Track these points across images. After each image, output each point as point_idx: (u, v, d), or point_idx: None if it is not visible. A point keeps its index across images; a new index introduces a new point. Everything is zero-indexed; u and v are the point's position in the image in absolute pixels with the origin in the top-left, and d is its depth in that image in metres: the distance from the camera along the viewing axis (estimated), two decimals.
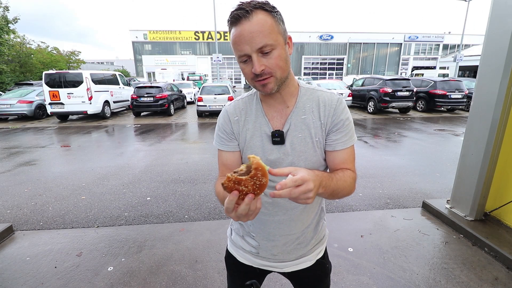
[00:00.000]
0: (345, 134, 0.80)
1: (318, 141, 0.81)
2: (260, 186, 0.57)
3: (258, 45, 0.68)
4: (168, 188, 3.84)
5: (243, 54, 0.70)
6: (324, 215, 0.98)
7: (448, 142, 6.36)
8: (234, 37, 0.70)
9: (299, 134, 0.81)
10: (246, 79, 0.76)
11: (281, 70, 0.73)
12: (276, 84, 0.74)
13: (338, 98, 0.82)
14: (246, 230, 0.93)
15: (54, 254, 2.39)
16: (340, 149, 0.80)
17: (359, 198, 3.45)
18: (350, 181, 0.77)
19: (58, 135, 7.78)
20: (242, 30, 0.68)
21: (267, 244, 0.90)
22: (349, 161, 0.82)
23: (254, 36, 0.67)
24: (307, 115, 0.81)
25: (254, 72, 0.71)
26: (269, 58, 0.70)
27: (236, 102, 0.89)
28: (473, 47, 33.91)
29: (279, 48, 0.71)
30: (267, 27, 0.68)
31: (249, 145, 0.83)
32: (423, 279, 2.02)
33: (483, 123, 2.46)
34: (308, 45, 40.37)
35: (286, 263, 0.92)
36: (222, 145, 0.87)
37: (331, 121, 0.80)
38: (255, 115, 0.85)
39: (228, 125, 0.86)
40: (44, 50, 22.74)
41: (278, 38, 0.71)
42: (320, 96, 0.82)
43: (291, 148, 0.80)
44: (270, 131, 0.81)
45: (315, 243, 0.94)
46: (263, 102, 0.85)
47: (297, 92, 0.83)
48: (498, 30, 2.31)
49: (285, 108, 0.83)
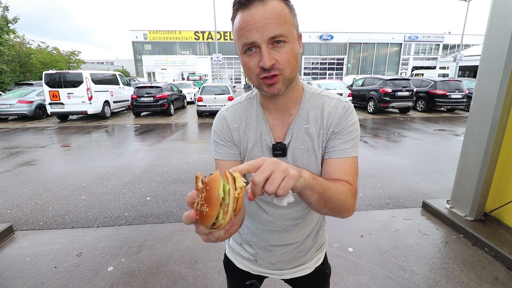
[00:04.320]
0: (346, 141, 0.70)
1: (321, 153, 0.74)
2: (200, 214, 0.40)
3: (271, 33, 0.59)
4: (168, 188, 3.84)
5: (250, 42, 0.60)
6: (325, 222, 0.94)
7: (448, 142, 6.36)
8: (241, 22, 0.60)
9: (301, 146, 0.74)
10: (248, 75, 0.66)
11: (291, 68, 0.64)
12: (284, 85, 0.65)
13: (345, 105, 0.73)
14: (244, 239, 0.90)
15: (54, 254, 2.39)
16: (336, 157, 0.70)
17: (359, 198, 3.44)
18: (344, 192, 0.63)
19: (58, 135, 7.77)
20: (254, 15, 0.59)
21: (265, 253, 0.87)
22: (347, 172, 0.69)
23: (269, 23, 0.58)
24: (311, 124, 0.73)
25: (262, 66, 0.61)
26: (280, 51, 0.61)
27: (235, 107, 0.81)
28: (473, 47, 33.88)
29: (292, 42, 0.62)
30: (283, 15, 0.60)
31: (250, 156, 0.77)
32: (423, 279, 2.02)
33: (483, 123, 2.46)
34: (308, 45, 40.35)
35: (284, 271, 0.89)
36: (221, 153, 0.78)
37: (333, 129, 0.72)
38: (256, 123, 0.77)
39: (227, 132, 0.78)
40: (44, 50, 22.73)
41: (293, 30, 0.63)
42: (325, 103, 0.74)
43: (293, 161, 0.74)
44: (271, 143, 0.75)
45: (314, 251, 0.91)
46: (264, 108, 0.77)
47: (301, 98, 0.75)
48: (498, 30, 2.31)
49: (287, 116, 0.75)
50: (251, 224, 0.85)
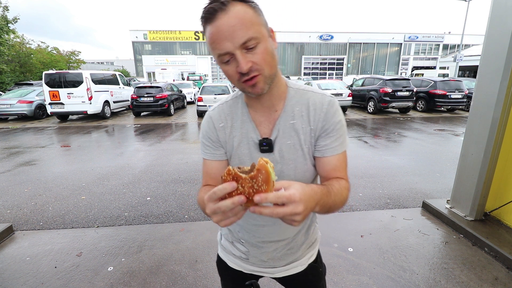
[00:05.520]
0: (336, 139, 0.74)
1: (308, 148, 0.76)
2: (257, 192, 0.49)
3: (241, 39, 0.60)
4: (168, 188, 3.84)
5: (225, 53, 0.62)
6: (316, 218, 0.95)
7: (448, 142, 6.36)
8: (211, 35, 0.61)
9: (288, 141, 0.75)
10: (231, 82, 0.68)
11: (269, 66, 0.65)
12: (266, 83, 0.67)
13: (330, 100, 0.75)
14: (235, 236, 0.90)
15: (54, 254, 2.39)
16: (329, 155, 0.74)
17: (359, 198, 3.45)
18: (345, 194, 0.70)
19: (58, 135, 7.77)
20: (220, 25, 0.59)
21: (256, 251, 0.87)
22: (341, 168, 0.75)
23: (236, 29, 0.59)
24: (296, 120, 0.75)
25: (240, 71, 0.63)
26: (254, 53, 0.62)
27: (221, 107, 0.82)
28: (473, 47, 33.90)
29: (264, 41, 0.63)
30: (248, 19, 0.60)
31: (237, 153, 0.78)
32: (423, 279, 2.03)
33: (483, 123, 2.46)
34: (308, 45, 40.39)
35: (276, 268, 0.89)
36: (208, 153, 0.81)
37: (321, 126, 0.74)
38: (241, 121, 0.78)
39: (214, 132, 0.80)
40: (44, 50, 22.75)
41: (262, 30, 0.63)
42: (310, 98, 0.76)
43: (280, 156, 0.76)
44: (257, 139, 0.76)
45: (306, 248, 0.91)
46: (249, 106, 0.78)
47: (286, 94, 0.77)
48: (498, 30, 2.31)
49: (273, 112, 0.76)
50: (242, 220, 0.85)
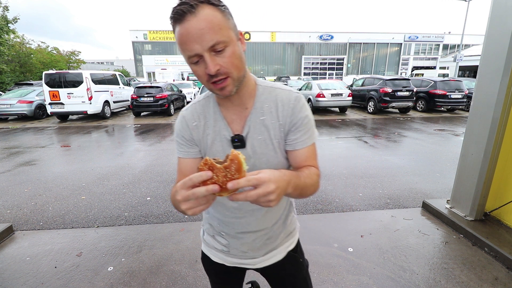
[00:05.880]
0: (304, 133, 0.78)
1: (278, 142, 0.79)
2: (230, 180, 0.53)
3: (209, 42, 0.62)
4: (168, 188, 3.84)
5: (194, 55, 0.64)
6: (293, 208, 0.98)
7: (448, 142, 6.36)
8: (180, 36, 0.63)
9: (258, 136, 0.78)
10: (201, 82, 0.70)
11: (237, 69, 0.68)
12: (234, 86, 0.70)
13: (296, 96, 0.79)
14: (216, 230, 0.93)
15: (54, 254, 2.39)
16: (300, 148, 0.78)
17: (359, 198, 3.45)
18: (315, 179, 0.76)
19: (58, 135, 7.77)
20: (189, 28, 0.61)
21: (236, 242, 0.89)
22: (311, 158, 0.80)
23: (204, 33, 0.61)
24: (266, 116, 0.78)
25: (208, 73, 0.65)
26: (222, 56, 0.64)
27: (193, 106, 0.84)
28: (473, 47, 33.91)
29: (233, 45, 0.66)
30: (216, 23, 0.62)
31: (211, 151, 0.81)
32: (423, 279, 2.03)
33: (483, 123, 2.46)
34: (308, 45, 40.40)
35: (256, 259, 0.91)
36: (182, 152, 0.84)
37: (290, 120, 0.77)
38: (213, 119, 0.81)
39: (187, 131, 0.82)
40: (44, 50, 22.74)
41: (230, 34, 0.65)
42: (278, 95, 0.79)
43: (252, 151, 0.78)
44: (229, 136, 0.79)
45: (284, 237, 0.94)
46: (220, 105, 0.81)
47: (255, 92, 0.80)
48: (498, 30, 2.31)
49: (243, 110, 0.79)
50: (220, 214, 0.88)
